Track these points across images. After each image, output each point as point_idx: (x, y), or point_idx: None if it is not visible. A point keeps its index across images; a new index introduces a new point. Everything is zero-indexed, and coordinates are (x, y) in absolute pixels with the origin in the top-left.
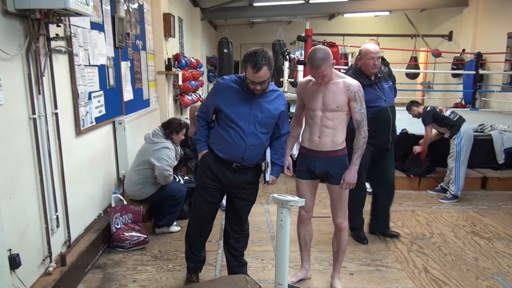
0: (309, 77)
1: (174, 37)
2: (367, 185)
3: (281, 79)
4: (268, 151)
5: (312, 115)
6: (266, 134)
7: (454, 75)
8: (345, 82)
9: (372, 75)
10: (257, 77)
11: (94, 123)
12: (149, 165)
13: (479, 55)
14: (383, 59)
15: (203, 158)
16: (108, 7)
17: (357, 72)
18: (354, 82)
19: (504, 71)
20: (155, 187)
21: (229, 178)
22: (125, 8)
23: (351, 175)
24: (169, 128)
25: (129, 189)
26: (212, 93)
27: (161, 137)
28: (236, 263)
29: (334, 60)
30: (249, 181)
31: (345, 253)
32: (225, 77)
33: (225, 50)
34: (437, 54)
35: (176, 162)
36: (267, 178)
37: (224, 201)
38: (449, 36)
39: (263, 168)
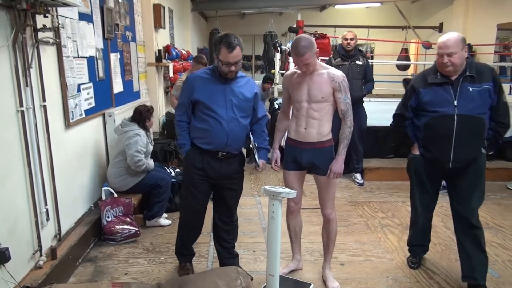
0: (294, 70)
1: (164, 28)
2: (358, 176)
3: (272, 71)
4: (251, 136)
5: (298, 106)
6: (246, 118)
7: None
8: (329, 72)
9: (449, 74)
10: (231, 57)
11: (84, 116)
12: (124, 155)
13: (469, 47)
14: (359, 50)
15: (187, 156)
16: None
17: (434, 67)
18: (338, 73)
19: (494, 62)
20: (137, 177)
21: (216, 169)
22: None
23: (338, 165)
24: (141, 118)
25: (112, 181)
26: (184, 88)
27: (130, 125)
28: (227, 255)
29: (318, 49)
30: (235, 170)
31: (335, 244)
32: (192, 73)
33: None
34: (427, 45)
35: (149, 148)
36: (258, 159)
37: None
38: (440, 28)
39: (252, 149)
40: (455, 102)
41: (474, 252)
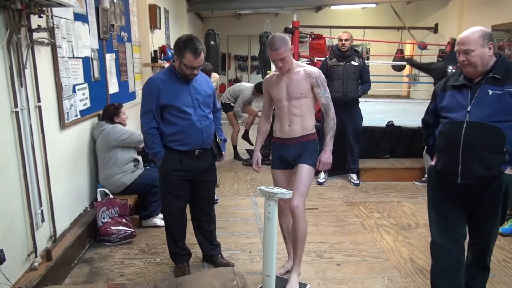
0: (272, 72)
1: (160, 28)
2: (354, 176)
3: (268, 71)
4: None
5: (280, 105)
6: (211, 112)
7: None
8: (305, 69)
9: (470, 75)
10: (197, 62)
11: (79, 116)
12: (114, 151)
13: None
14: (355, 51)
15: (164, 162)
16: None
17: (460, 68)
18: (314, 69)
19: None
20: (131, 175)
21: (194, 166)
22: None
23: (326, 155)
24: (107, 114)
25: (107, 184)
26: (148, 94)
27: (104, 124)
28: (211, 246)
29: (293, 46)
30: (210, 162)
31: (304, 245)
32: (150, 77)
33: (212, 42)
34: (423, 46)
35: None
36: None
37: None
38: (435, 29)
39: (220, 144)
40: (469, 108)
41: (477, 270)
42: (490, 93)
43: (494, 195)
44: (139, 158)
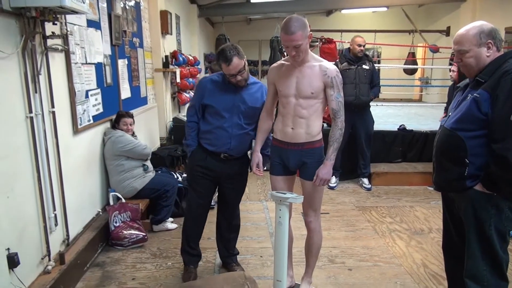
0: (281, 61)
1: (171, 34)
2: (365, 180)
3: None
4: (253, 141)
5: (285, 102)
6: (251, 125)
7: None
8: (321, 65)
9: (468, 76)
10: (231, 69)
11: (92, 122)
12: (120, 159)
13: None
14: (366, 55)
15: (192, 155)
16: (105, 5)
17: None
18: (331, 66)
19: None
20: (142, 180)
21: (217, 168)
22: (122, 5)
23: (326, 171)
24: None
25: (120, 188)
26: (196, 91)
27: (111, 132)
28: (226, 254)
29: (311, 33)
30: (236, 171)
31: (317, 258)
32: (206, 75)
33: None
34: (434, 49)
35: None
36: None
37: (215, 197)
38: (447, 32)
39: (249, 156)
40: (451, 112)
41: None
42: (468, 97)
43: (465, 214)
44: (148, 163)
